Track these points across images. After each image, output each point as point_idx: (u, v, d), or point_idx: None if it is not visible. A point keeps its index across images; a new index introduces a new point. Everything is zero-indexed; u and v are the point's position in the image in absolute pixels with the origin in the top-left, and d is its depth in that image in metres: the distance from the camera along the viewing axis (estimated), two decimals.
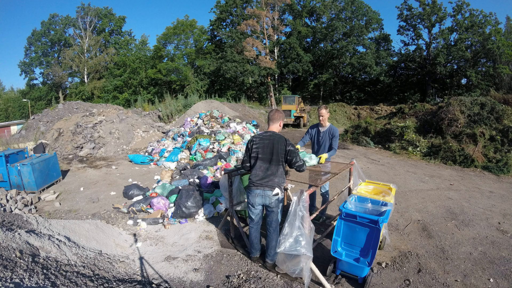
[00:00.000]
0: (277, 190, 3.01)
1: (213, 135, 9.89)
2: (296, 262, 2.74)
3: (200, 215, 4.65)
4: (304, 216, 2.71)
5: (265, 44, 30.30)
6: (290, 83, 36.05)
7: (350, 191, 4.01)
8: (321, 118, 4.26)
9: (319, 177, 3.56)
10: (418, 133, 10.94)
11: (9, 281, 2.30)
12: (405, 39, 32.07)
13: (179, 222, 4.51)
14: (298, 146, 4.10)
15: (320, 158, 3.97)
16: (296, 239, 2.65)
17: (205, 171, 6.81)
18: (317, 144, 4.34)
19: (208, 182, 5.74)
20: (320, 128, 4.33)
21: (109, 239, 3.93)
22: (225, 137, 9.58)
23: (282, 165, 3.06)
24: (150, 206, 4.92)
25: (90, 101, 28.34)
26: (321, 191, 4.36)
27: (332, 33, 31.36)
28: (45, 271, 2.63)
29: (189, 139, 9.80)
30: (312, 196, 4.52)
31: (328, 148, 4.24)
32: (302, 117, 19.78)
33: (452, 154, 8.84)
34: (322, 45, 34.36)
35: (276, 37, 31.36)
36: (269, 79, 30.91)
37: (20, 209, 5.09)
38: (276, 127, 3.21)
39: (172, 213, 4.70)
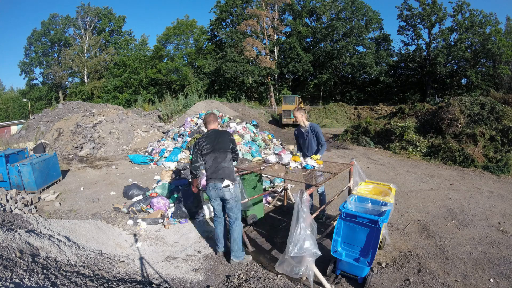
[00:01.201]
0: (226, 182, 3.16)
1: None
2: (298, 263, 2.74)
3: (200, 215, 4.65)
4: (307, 216, 2.72)
5: (265, 44, 30.30)
6: (290, 83, 36.06)
7: (350, 191, 4.01)
8: (296, 119, 4.46)
9: (317, 177, 3.57)
10: (418, 133, 10.94)
11: (9, 281, 2.30)
12: (405, 39, 32.17)
13: (179, 222, 4.51)
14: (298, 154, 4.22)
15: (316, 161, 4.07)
16: (305, 240, 2.67)
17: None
18: (303, 143, 4.48)
19: None
20: (301, 129, 4.51)
21: (109, 239, 3.93)
22: None
23: (229, 151, 3.29)
24: (150, 206, 4.92)
25: (90, 101, 28.34)
26: (318, 191, 4.39)
27: (332, 33, 31.37)
28: (45, 271, 2.63)
29: (189, 139, 9.80)
30: (311, 196, 4.55)
31: (316, 144, 4.38)
32: None
33: (452, 154, 8.84)
34: (322, 45, 34.38)
35: (276, 37, 31.38)
36: (269, 79, 30.92)
37: (20, 209, 5.09)
38: (215, 126, 3.48)
39: (172, 213, 4.70)
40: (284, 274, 3.03)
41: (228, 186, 3.17)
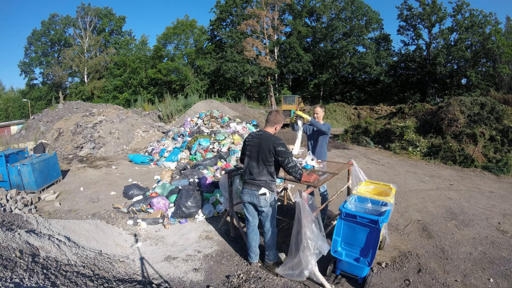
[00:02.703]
0: (263, 190, 2.98)
1: (213, 135, 9.89)
2: (305, 265, 2.73)
3: (200, 215, 4.65)
4: (310, 214, 2.72)
5: (265, 44, 30.29)
6: (290, 83, 36.04)
7: (349, 191, 4.01)
8: (315, 115, 4.28)
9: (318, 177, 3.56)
10: (418, 133, 10.93)
11: (9, 281, 2.30)
12: (405, 39, 32.11)
13: (179, 222, 4.51)
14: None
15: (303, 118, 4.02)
16: (321, 239, 2.70)
17: (205, 171, 6.81)
18: (313, 140, 4.36)
19: (208, 182, 5.74)
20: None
21: (109, 239, 3.93)
22: (225, 137, 9.58)
23: (270, 165, 2.98)
24: (150, 206, 4.92)
25: (90, 101, 28.32)
26: (319, 190, 4.35)
27: (332, 33, 31.35)
28: (45, 271, 2.63)
29: (189, 139, 9.79)
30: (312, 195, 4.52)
31: (321, 141, 4.28)
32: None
33: (452, 154, 8.84)
34: (322, 45, 34.35)
35: (276, 37, 31.36)
36: (269, 79, 30.91)
37: (20, 209, 5.09)
38: (271, 130, 3.11)
39: (172, 213, 4.70)
40: (288, 277, 3.02)
41: (264, 194, 3.00)
